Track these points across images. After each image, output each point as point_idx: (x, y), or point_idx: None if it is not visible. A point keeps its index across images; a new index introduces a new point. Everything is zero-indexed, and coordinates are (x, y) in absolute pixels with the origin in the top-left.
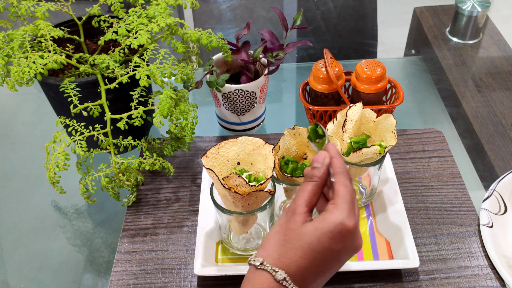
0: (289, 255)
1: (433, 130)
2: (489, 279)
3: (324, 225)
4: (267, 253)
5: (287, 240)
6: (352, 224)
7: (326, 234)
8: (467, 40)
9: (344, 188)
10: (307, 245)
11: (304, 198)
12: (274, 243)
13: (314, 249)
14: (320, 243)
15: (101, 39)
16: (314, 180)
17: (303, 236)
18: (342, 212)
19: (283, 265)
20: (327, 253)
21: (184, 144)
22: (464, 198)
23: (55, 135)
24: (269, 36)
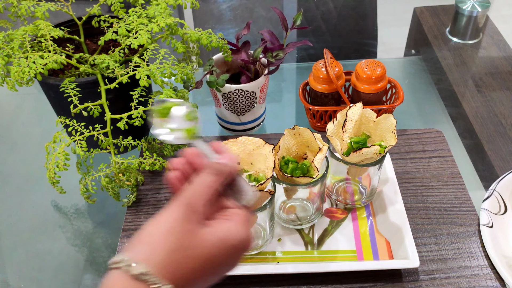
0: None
1: (433, 130)
2: (489, 279)
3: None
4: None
5: (184, 246)
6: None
7: (228, 249)
8: (467, 40)
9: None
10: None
11: (206, 195)
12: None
13: (212, 262)
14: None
15: (101, 39)
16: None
17: (205, 243)
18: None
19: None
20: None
21: (184, 144)
22: (464, 198)
23: (55, 135)
24: (269, 36)
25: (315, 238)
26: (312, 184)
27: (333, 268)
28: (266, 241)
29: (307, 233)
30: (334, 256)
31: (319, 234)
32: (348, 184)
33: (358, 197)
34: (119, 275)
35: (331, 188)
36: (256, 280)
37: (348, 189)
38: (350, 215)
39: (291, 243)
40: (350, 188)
